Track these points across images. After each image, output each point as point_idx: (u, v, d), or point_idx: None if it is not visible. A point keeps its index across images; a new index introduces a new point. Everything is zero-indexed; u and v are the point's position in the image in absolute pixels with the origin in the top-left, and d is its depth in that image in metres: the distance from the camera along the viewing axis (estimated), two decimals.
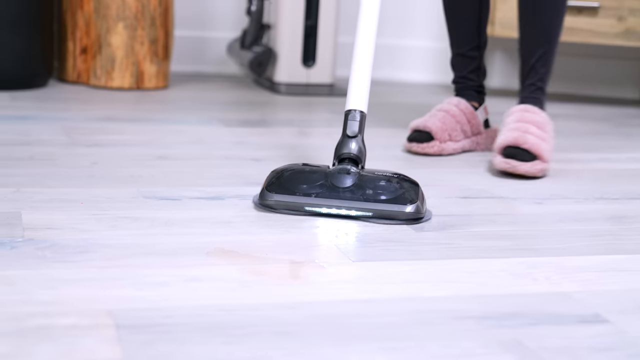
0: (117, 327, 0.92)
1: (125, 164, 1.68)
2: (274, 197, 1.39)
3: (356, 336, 0.95)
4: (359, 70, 1.49)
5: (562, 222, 1.47)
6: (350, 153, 1.43)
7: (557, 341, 0.96)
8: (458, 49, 2.04)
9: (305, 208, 1.37)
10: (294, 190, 1.38)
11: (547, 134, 1.82)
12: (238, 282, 1.08)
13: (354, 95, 1.48)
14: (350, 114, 1.46)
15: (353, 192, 1.37)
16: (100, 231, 1.25)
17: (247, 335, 0.93)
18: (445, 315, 1.02)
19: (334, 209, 1.37)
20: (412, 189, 1.40)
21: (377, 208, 1.36)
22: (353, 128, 1.44)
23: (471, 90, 2.04)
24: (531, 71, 1.91)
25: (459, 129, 1.96)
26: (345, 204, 1.37)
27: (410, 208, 1.37)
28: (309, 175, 1.40)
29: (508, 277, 1.17)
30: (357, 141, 1.44)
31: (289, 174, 1.41)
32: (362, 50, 1.51)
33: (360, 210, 1.37)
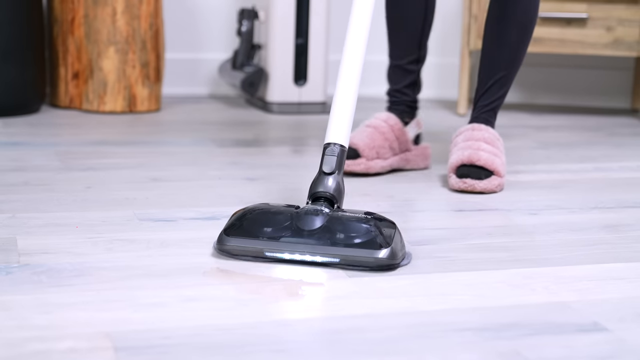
0: (115, 350, 0.92)
1: (120, 187, 1.67)
2: (231, 242, 1.24)
3: (355, 351, 0.94)
4: (340, 100, 1.37)
5: (557, 232, 1.47)
6: (326, 192, 1.29)
7: (556, 351, 0.96)
8: (397, 61, 1.97)
9: (266, 253, 1.23)
10: (256, 233, 1.24)
11: (498, 149, 1.80)
12: (235, 301, 1.08)
13: (334, 128, 1.35)
14: (328, 148, 1.33)
15: (320, 235, 1.23)
16: (96, 254, 1.25)
17: (246, 353, 0.92)
18: (444, 328, 1.02)
19: (297, 255, 1.22)
20: (387, 230, 1.25)
21: (345, 254, 1.21)
22: (330, 164, 1.31)
23: (404, 105, 1.97)
24: (486, 93, 1.86)
25: (387, 146, 1.88)
26: (310, 249, 1.22)
27: (383, 253, 1.21)
28: (273, 216, 1.26)
29: (505, 289, 1.17)
30: (334, 178, 1.30)
31: (251, 215, 1.27)
32: (346, 78, 1.38)
33: (326, 255, 1.22)
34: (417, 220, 1.54)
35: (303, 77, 2.79)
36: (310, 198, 1.30)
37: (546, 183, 1.87)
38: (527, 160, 2.12)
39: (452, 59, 3.25)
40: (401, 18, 1.93)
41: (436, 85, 3.28)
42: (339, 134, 1.35)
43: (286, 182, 1.76)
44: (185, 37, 3.07)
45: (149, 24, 2.64)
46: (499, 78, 1.85)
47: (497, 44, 1.85)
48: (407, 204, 1.66)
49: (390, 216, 1.56)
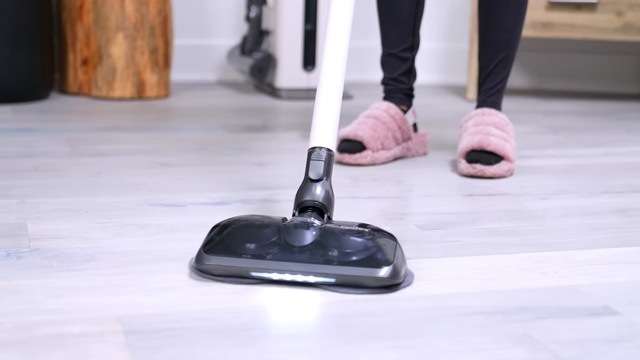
0: (125, 333, 0.92)
1: (129, 172, 1.67)
2: (212, 260, 1.09)
3: (365, 335, 0.94)
4: (324, 100, 1.23)
5: (568, 216, 1.47)
6: (315, 201, 1.15)
7: (567, 334, 0.96)
8: (390, 49, 1.94)
9: (252, 274, 1.08)
10: (238, 250, 1.09)
11: (508, 134, 1.80)
12: (245, 286, 1.08)
13: (319, 130, 1.21)
14: (314, 153, 1.19)
15: (312, 252, 1.08)
16: (106, 239, 1.25)
17: (256, 337, 0.92)
18: (454, 312, 1.02)
19: (287, 275, 1.08)
20: (387, 245, 1.10)
21: (342, 272, 1.07)
22: (317, 170, 1.17)
23: (401, 93, 1.95)
24: (490, 75, 1.86)
25: (391, 136, 1.87)
26: (302, 268, 1.07)
27: (384, 271, 1.07)
28: (257, 230, 1.11)
29: (516, 272, 1.16)
30: (322, 185, 1.16)
31: (233, 230, 1.12)
32: (328, 76, 1.24)
33: (319, 275, 1.07)
34: (427, 205, 1.53)
35: (312, 63, 2.79)
36: (296, 208, 1.16)
37: (556, 168, 1.86)
38: (536, 145, 2.12)
39: (460, 45, 3.23)
40: (393, 5, 1.91)
41: (445, 70, 3.27)
42: (325, 137, 1.21)
43: (296, 168, 1.76)
44: (194, 23, 3.06)
45: (157, 10, 2.63)
46: (501, 59, 1.85)
47: (493, 28, 1.84)
48: (417, 188, 1.66)
49: (400, 201, 1.56)
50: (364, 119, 1.88)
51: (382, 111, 1.89)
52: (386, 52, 1.94)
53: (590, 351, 0.92)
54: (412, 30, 1.91)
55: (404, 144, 1.91)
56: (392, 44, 1.92)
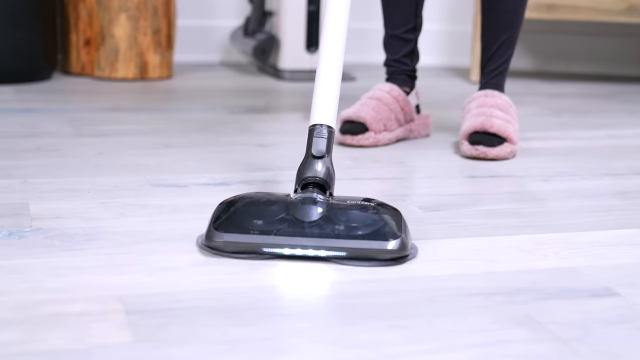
0: (127, 312, 0.92)
1: (132, 152, 1.68)
2: (224, 238, 1.11)
3: (365, 315, 0.94)
4: (324, 78, 1.25)
5: (569, 198, 1.47)
6: (316, 177, 1.18)
7: (568, 315, 0.96)
8: (392, 30, 1.92)
9: (263, 249, 1.10)
10: (248, 227, 1.11)
11: (510, 116, 1.80)
12: (247, 265, 1.08)
13: (320, 107, 1.24)
14: (316, 130, 1.21)
15: (321, 226, 1.11)
16: (108, 219, 1.25)
17: (258, 317, 0.93)
18: (454, 292, 1.02)
19: (299, 250, 1.10)
20: (393, 219, 1.14)
21: (352, 246, 1.10)
22: (319, 147, 1.19)
23: (403, 74, 1.94)
24: (493, 57, 1.85)
25: (393, 117, 1.86)
26: (313, 242, 1.10)
27: (393, 244, 1.11)
28: (265, 207, 1.13)
29: (517, 254, 1.17)
30: (324, 162, 1.19)
31: (241, 206, 1.14)
32: (328, 51, 1.27)
33: (331, 249, 1.10)
34: (429, 186, 1.53)
35: (315, 44, 2.78)
36: (298, 185, 1.19)
37: (559, 150, 1.86)
38: (539, 127, 2.11)
39: (463, 26, 3.23)
40: None
41: (448, 52, 3.26)
42: (326, 114, 1.23)
43: (298, 149, 1.76)
44: (197, 3, 3.05)
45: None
46: (504, 41, 1.84)
47: (496, 9, 1.84)
48: (419, 170, 1.66)
49: (402, 182, 1.56)
50: (366, 100, 1.87)
51: (384, 92, 1.88)
52: (389, 33, 1.93)
53: (590, 332, 0.92)
54: (415, 11, 1.91)
55: (407, 126, 1.91)
56: (394, 25, 1.92)
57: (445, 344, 0.88)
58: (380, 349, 0.87)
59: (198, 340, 0.86)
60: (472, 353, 0.86)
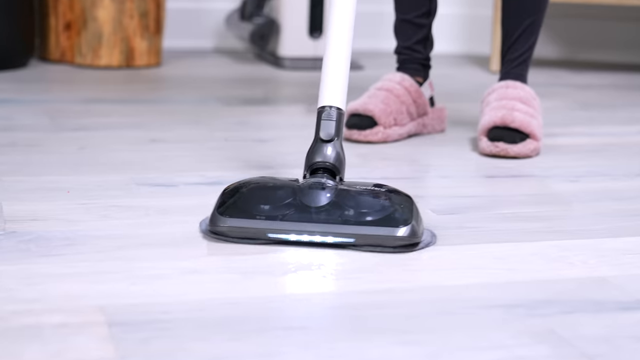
0: (109, 325, 0.92)
1: (116, 148, 1.68)
2: (227, 222, 1.18)
3: (375, 329, 0.95)
4: (333, 57, 1.30)
5: (598, 200, 1.47)
6: (326, 162, 1.24)
7: (595, 330, 0.96)
8: (404, 15, 1.91)
9: (268, 235, 1.17)
10: (253, 212, 1.17)
11: (534, 109, 1.79)
12: (242, 273, 1.08)
13: (329, 89, 1.28)
14: (325, 112, 1.26)
15: (329, 212, 1.17)
16: (90, 222, 1.25)
17: (255, 330, 0.93)
18: (472, 304, 1.02)
19: (305, 235, 1.17)
20: (404, 205, 1.20)
21: (361, 232, 1.16)
22: (328, 130, 1.25)
23: (416, 63, 1.93)
24: (515, 43, 1.84)
25: (405, 110, 1.86)
26: (320, 228, 1.16)
27: (403, 231, 1.16)
28: (272, 192, 1.20)
29: (540, 262, 1.17)
30: (333, 146, 1.24)
31: (247, 191, 1.21)
32: (336, 32, 1.31)
33: (338, 235, 1.17)
34: (444, 187, 1.54)
35: (319, 29, 2.78)
36: (307, 170, 1.25)
37: (587, 147, 1.86)
38: (566, 122, 2.12)
39: (483, 10, 3.23)
40: None
41: (466, 39, 3.26)
42: (335, 96, 1.28)
43: (300, 145, 1.76)
44: None
45: None
46: (526, 26, 1.84)
47: None
48: (433, 169, 1.66)
49: (414, 183, 1.56)
50: (375, 91, 1.87)
51: (395, 83, 1.88)
52: (400, 18, 1.93)
53: (620, 349, 0.92)
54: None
55: (419, 120, 1.91)
56: (406, 9, 1.92)
57: None
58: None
59: (187, 356, 0.87)
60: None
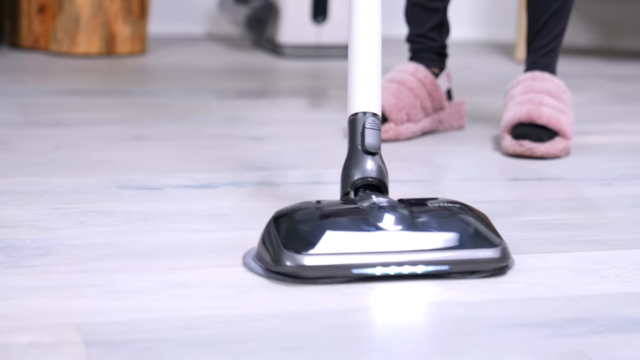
0: (86, 345, 0.93)
1: (95, 147, 1.68)
2: (306, 260, 1.09)
3: (378, 350, 0.95)
4: (363, 51, 1.26)
5: (636, 207, 1.47)
6: (375, 178, 1.20)
7: (630, 352, 0.96)
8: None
9: (353, 271, 1.10)
10: (329, 245, 1.10)
11: (564, 104, 1.79)
12: (235, 288, 1.09)
13: (365, 90, 1.24)
14: (368, 120, 1.22)
15: (412, 237, 1.13)
16: (65, 229, 1.26)
17: (248, 351, 0.93)
18: (491, 323, 1.02)
19: (393, 267, 1.11)
20: (486, 223, 1.18)
21: (454, 258, 1.13)
22: (372, 141, 1.21)
23: (431, 52, 1.94)
24: (542, 30, 1.84)
25: (419, 105, 1.87)
26: (407, 258, 1.12)
27: (498, 251, 1.15)
28: (341, 218, 1.15)
29: (569, 276, 1.17)
30: (376, 159, 1.21)
31: (311, 219, 1.15)
32: (365, 16, 1.26)
33: (430, 264, 1.12)
34: (462, 191, 1.54)
35: (323, 13, 2.79)
36: (351, 188, 1.20)
37: (624, 146, 1.86)
38: (600, 118, 2.12)
39: None
40: None
41: (488, 24, 3.27)
42: (373, 100, 1.24)
43: (300, 143, 1.77)
44: None
45: None
46: (555, 10, 1.84)
47: None
48: (450, 170, 1.66)
49: (428, 186, 1.57)
50: (385, 84, 1.88)
51: (408, 74, 1.89)
52: (411, 1, 1.93)
53: None
54: None
55: (435, 115, 1.91)
56: None
57: None
58: None
59: None
60: None
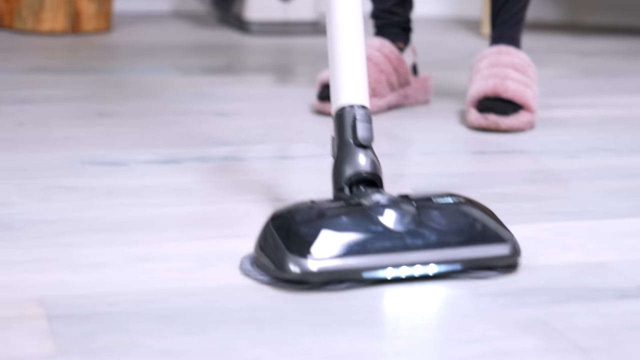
0: (49, 318, 0.92)
1: (59, 123, 1.68)
2: (313, 265, 1.03)
3: (344, 322, 0.95)
4: (348, 37, 1.22)
5: (599, 179, 1.48)
6: (370, 172, 1.15)
7: (592, 320, 0.97)
8: None
9: (364, 275, 1.05)
10: (337, 248, 1.05)
11: (529, 78, 1.80)
12: (198, 261, 1.09)
13: (352, 81, 1.21)
14: (359, 112, 1.19)
15: (422, 235, 1.08)
16: (27, 204, 1.25)
17: (210, 323, 0.93)
18: (454, 293, 1.03)
19: (405, 268, 1.06)
20: (492, 217, 1.13)
21: (466, 256, 1.08)
22: (365, 134, 1.17)
23: (396, 27, 1.93)
24: (507, 3, 1.84)
25: (384, 80, 1.86)
26: (418, 257, 1.07)
27: (508, 247, 1.10)
28: (345, 218, 1.08)
29: (533, 246, 1.17)
30: (368, 153, 1.17)
31: (312, 221, 1.09)
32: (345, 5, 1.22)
33: (442, 263, 1.07)
34: (427, 165, 1.54)
35: None
36: (345, 182, 1.15)
37: (588, 120, 1.87)
38: (565, 92, 2.12)
39: None
40: None
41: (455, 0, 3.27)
42: (361, 91, 1.21)
43: (265, 118, 1.77)
44: None
45: None
46: None
47: None
48: (415, 144, 1.67)
49: (393, 160, 1.57)
50: None
51: (373, 50, 1.88)
52: None
53: (618, 341, 0.93)
54: None
55: (401, 90, 1.91)
56: None
57: (438, 356, 0.89)
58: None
59: (136, 352, 0.87)
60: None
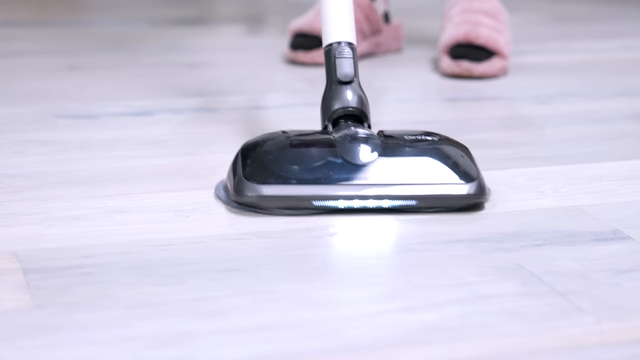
0: (24, 272, 0.92)
1: (29, 77, 1.67)
2: (265, 190, 1.07)
3: (321, 270, 0.95)
4: None
5: (573, 123, 1.48)
6: (350, 107, 1.16)
7: (568, 264, 0.98)
8: None
9: (314, 203, 1.08)
10: (290, 175, 1.08)
11: (501, 24, 1.79)
12: (174, 212, 1.09)
13: (336, 21, 1.23)
14: (337, 50, 1.20)
15: (380, 170, 1.10)
16: (1, 159, 1.25)
17: (186, 273, 0.93)
18: (430, 239, 1.03)
19: (357, 201, 1.08)
20: (465, 156, 1.15)
21: (422, 193, 1.09)
22: (345, 70, 1.17)
23: None
24: None
25: (356, 28, 1.85)
26: (373, 191, 1.09)
27: (471, 187, 1.10)
28: (306, 149, 1.11)
29: (507, 192, 1.18)
30: (353, 88, 1.17)
31: (275, 150, 1.12)
32: None
33: (396, 198, 1.09)
34: (400, 112, 1.54)
35: None
36: (328, 120, 1.17)
37: (561, 65, 1.87)
38: (538, 38, 2.12)
39: None
40: None
41: None
42: (344, 29, 1.22)
43: (238, 69, 1.76)
44: None
45: None
46: None
47: None
48: (388, 92, 1.66)
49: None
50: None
51: None
52: None
53: (594, 284, 0.93)
54: None
55: (372, 39, 1.91)
56: None
57: (418, 301, 0.89)
58: (342, 309, 0.87)
59: (112, 304, 0.87)
60: (449, 311, 0.87)
